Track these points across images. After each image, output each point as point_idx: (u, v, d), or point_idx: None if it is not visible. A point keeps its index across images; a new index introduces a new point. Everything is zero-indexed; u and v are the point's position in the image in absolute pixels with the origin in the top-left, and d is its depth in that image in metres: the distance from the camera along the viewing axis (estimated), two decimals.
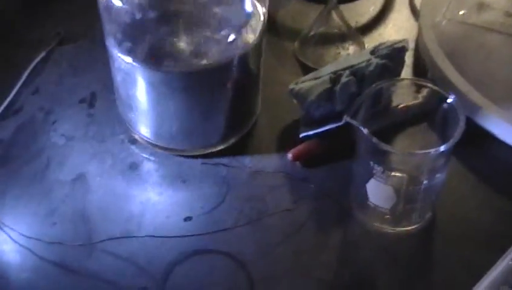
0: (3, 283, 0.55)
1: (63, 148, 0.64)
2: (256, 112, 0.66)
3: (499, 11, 0.74)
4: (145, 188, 0.61)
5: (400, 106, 0.60)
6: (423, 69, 0.69)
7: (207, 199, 0.60)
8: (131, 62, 0.57)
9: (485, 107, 0.62)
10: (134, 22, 0.57)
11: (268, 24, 0.60)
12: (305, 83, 0.63)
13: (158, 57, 0.56)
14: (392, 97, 0.58)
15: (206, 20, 0.58)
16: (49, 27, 0.75)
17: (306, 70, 0.69)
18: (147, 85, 0.58)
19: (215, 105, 0.60)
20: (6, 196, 0.60)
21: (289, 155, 0.62)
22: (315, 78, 0.63)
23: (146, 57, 0.56)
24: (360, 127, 0.52)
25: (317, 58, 0.71)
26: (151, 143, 0.63)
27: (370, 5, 0.79)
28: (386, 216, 0.57)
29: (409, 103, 0.60)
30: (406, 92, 0.58)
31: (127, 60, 0.57)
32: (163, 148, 0.63)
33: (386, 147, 0.51)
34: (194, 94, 0.59)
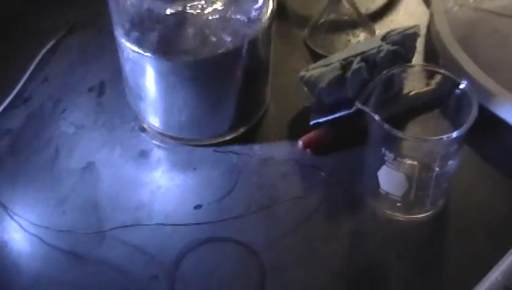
0: (14, 271, 0.55)
1: (73, 136, 0.64)
2: (266, 101, 0.66)
3: None
4: (156, 176, 0.61)
5: (412, 93, 0.60)
6: (435, 56, 0.69)
7: (218, 186, 0.59)
8: (140, 52, 0.57)
9: (497, 94, 0.61)
10: (142, 11, 0.56)
11: (277, 11, 0.60)
12: (315, 70, 0.62)
13: (167, 47, 0.56)
14: (403, 84, 0.58)
15: (215, 8, 0.57)
16: (59, 16, 0.75)
17: (316, 57, 0.69)
18: (156, 75, 0.58)
19: (225, 94, 0.60)
20: (16, 185, 0.60)
21: (299, 143, 0.62)
22: (325, 65, 0.62)
23: (155, 46, 0.56)
24: (371, 113, 0.52)
25: (327, 46, 0.71)
26: (160, 133, 0.63)
27: None
28: (398, 204, 0.56)
29: (421, 90, 0.59)
30: (417, 78, 0.58)
31: (136, 50, 0.57)
32: (173, 138, 0.63)
33: (397, 133, 0.51)
34: (203, 83, 0.58)
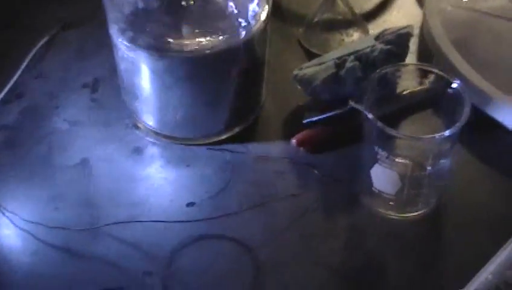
0: (6, 267, 0.55)
1: (66, 133, 0.64)
2: (261, 100, 0.66)
3: None
4: (150, 173, 0.61)
5: (405, 92, 0.60)
6: (428, 56, 0.69)
7: (211, 183, 0.59)
8: (135, 50, 0.56)
9: (490, 94, 0.62)
10: (137, 10, 0.56)
11: (273, 10, 0.60)
12: (309, 69, 0.62)
13: (161, 45, 0.56)
14: (397, 83, 0.58)
15: (210, 7, 0.57)
16: (54, 12, 0.75)
17: (311, 56, 0.69)
18: (151, 73, 0.58)
19: (220, 93, 0.60)
20: (9, 180, 0.60)
21: (293, 141, 0.62)
22: (319, 63, 0.63)
23: (149, 45, 0.56)
24: (365, 112, 0.52)
25: (322, 45, 0.71)
26: (155, 132, 0.63)
27: None
28: (391, 202, 0.56)
29: (415, 89, 0.59)
30: (411, 77, 0.58)
31: (131, 49, 0.57)
32: (168, 137, 0.63)
33: (390, 132, 0.51)
34: (198, 82, 0.58)
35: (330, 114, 0.61)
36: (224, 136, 0.63)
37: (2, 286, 0.53)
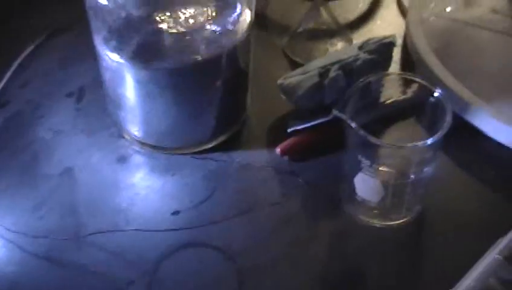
0: None
1: (51, 142, 0.64)
2: (246, 109, 0.66)
3: (485, 8, 0.75)
4: (134, 182, 0.61)
5: (388, 101, 0.60)
6: (411, 65, 0.70)
7: (196, 192, 0.60)
8: (119, 60, 0.57)
9: (472, 103, 0.62)
10: (120, 20, 0.56)
11: (257, 20, 0.60)
12: (293, 78, 0.63)
13: (145, 55, 0.56)
14: (380, 92, 0.59)
15: (193, 16, 0.57)
16: (39, 21, 0.75)
17: (295, 66, 0.69)
18: (135, 83, 0.58)
19: (205, 103, 0.60)
20: None
21: (277, 150, 0.62)
22: (303, 73, 0.63)
23: (133, 55, 0.56)
24: (348, 120, 0.52)
25: (306, 54, 0.72)
26: (140, 142, 0.63)
27: (358, 2, 0.79)
28: (374, 210, 0.57)
29: (398, 98, 0.60)
30: (394, 86, 0.59)
31: (115, 58, 0.57)
32: (153, 147, 0.63)
33: (373, 140, 0.51)
34: (183, 92, 0.58)
35: (314, 123, 0.61)
36: (209, 145, 0.63)
37: None
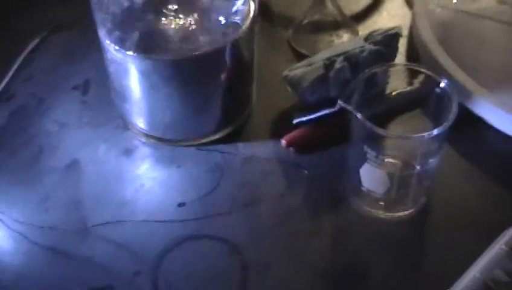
0: None
1: (56, 134, 0.64)
2: (250, 101, 0.66)
3: None
4: (140, 173, 0.61)
5: (394, 92, 0.60)
6: (416, 57, 0.69)
7: (201, 184, 0.60)
8: (123, 52, 0.56)
9: (477, 94, 0.62)
10: (123, 11, 0.56)
11: (262, 11, 0.60)
12: (298, 70, 0.63)
13: (149, 46, 0.56)
14: (386, 83, 0.59)
15: (197, 7, 0.57)
16: (43, 14, 0.75)
17: (300, 57, 0.69)
18: (139, 75, 0.58)
19: (209, 94, 0.60)
20: None
21: (283, 142, 0.62)
22: (308, 64, 0.63)
23: (137, 46, 0.56)
24: (354, 111, 0.52)
25: (311, 46, 0.71)
26: (145, 134, 0.63)
27: None
28: (380, 202, 0.57)
29: (403, 89, 0.60)
30: (400, 78, 0.59)
31: (119, 50, 0.57)
32: (158, 139, 0.63)
33: (379, 131, 0.51)
34: (187, 83, 0.58)
35: (319, 114, 0.61)
36: (214, 137, 0.63)
37: None
